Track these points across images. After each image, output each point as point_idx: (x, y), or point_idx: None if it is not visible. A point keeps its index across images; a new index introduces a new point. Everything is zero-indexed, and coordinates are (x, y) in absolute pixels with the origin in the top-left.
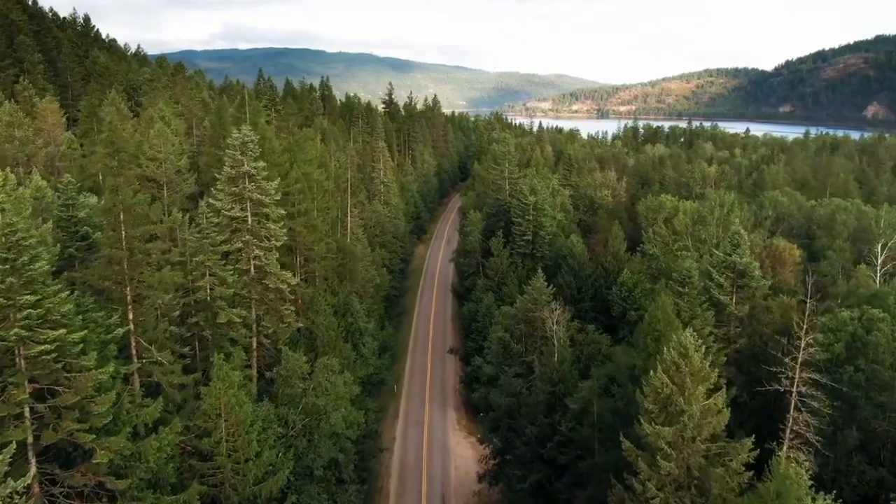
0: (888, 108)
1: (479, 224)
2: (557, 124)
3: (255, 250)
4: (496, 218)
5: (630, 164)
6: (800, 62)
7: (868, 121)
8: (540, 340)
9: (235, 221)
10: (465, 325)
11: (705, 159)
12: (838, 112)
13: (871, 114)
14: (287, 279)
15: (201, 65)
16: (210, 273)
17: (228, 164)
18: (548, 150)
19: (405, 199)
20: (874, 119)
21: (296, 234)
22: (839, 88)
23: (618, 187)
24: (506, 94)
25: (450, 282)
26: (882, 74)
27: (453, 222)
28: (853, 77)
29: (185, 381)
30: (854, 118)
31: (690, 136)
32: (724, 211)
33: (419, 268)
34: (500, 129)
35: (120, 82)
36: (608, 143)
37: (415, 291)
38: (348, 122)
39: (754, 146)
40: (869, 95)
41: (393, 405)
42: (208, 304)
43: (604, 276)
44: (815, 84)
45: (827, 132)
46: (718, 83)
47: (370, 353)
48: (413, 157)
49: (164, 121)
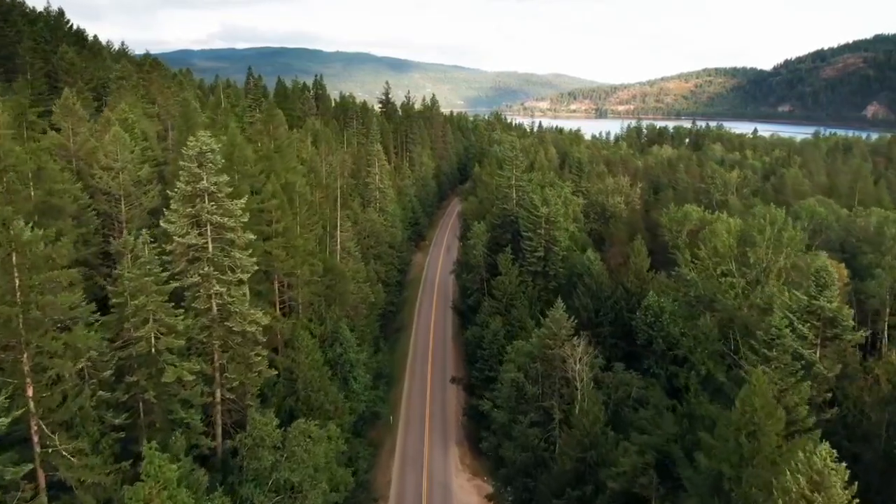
0: (888, 107)
1: (483, 236)
2: (556, 124)
3: (216, 285)
4: (502, 230)
5: (639, 166)
6: (799, 62)
7: (868, 120)
8: (559, 382)
9: (192, 250)
10: (468, 351)
11: (716, 161)
12: (838, 112)
13: (870, 113)
14: (257, 319)
15: (198, 64)
16: (154, 318)
17: (183, 179)
18: (552, 153)
19: (402, 205)
20: (874, 119)
21: (272, 259)
22: (838, 88)
23: (631, 193)
24: (504, 93)
25: (450, 294)
26: (881, 74)
27: (453, 227)
28: (852, 77)
29: (104, 480)
30: (854, 118)
31: (696, 136)
32: (776, 230)
33: (417, 278)
34: (500, 129)
35: (85, 80)
36: (611, 144)
37: (413, 304)
38: (342, 124)
39: (766, 147)
40: (868, 95)
41: (389, 439)
42: (152, 359)
43: (625, 297)
44: (814, 84)
45: (834, 132)
46: (717, 83)
47: (362, 387)
48: (411, 160)
49: (126, 123)
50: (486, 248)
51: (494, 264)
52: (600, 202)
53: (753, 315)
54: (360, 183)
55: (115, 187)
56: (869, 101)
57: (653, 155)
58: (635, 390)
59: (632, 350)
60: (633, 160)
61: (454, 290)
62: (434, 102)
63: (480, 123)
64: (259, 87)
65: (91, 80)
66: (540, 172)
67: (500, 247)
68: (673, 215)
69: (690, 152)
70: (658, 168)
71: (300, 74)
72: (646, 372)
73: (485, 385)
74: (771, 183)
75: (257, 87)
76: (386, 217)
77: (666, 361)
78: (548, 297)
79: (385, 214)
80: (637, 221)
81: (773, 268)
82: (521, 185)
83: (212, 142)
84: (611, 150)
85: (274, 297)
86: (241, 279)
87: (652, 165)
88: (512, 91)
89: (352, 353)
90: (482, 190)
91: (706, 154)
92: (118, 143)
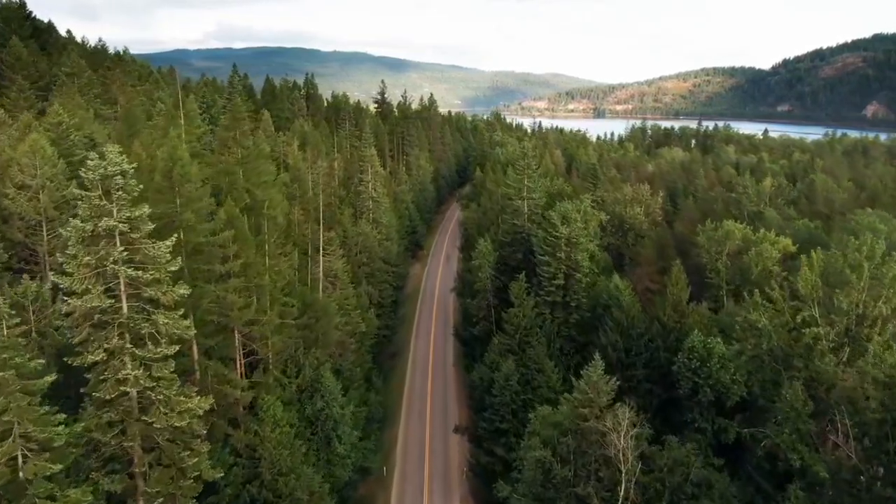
0: (888, 107)
1: (490, 256)
2: (555, 124)
3: (129, 366)
4: (511, 248)
5: (650, 170)
6: (797, 61)
7: (868, 120)
8: (598, 461)
9: (97, 314)
10: (475, 395)
11: (731, 164)
12: (837, 111)
13: (870, 113)
14: (191, 408)
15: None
16: (19, 433)
17: (82, 214)
18: (558, 156)
19: (398, 213)
20: (874, 118)
21: (227, 306)
22: (838, 87)
23: (652, 203)
24: (501, 93)
25: (450, 313)
26: (881, 73)
27: (453, 235)
28: (852, 76)
29: None
30: (854, 117)
31: (704, 137)
32: (874, 265)
33: (415, 292)
34: (500, 130)
35: (32, 77)
36: (616, 145)
37: (410, 325)
38: (334, 125)
39: (780, 149)
40: (868, 95)
41: (382, 495)
42: (18, 488)
43: (661, 334)
44: (813, 83)
45: (845, 133)
46: (715, 82)
47: (348, 448)
48: (408, 163)
49: (59, 128)
50: (493, 268)
51: (503, 288)
52: (618, 213)
53: (867, 388)
54: (352, 192)
55: (30, 211)
56: (869, 101)
57: (664, 158)
58: (694, 470)
59: (670, 397)
60: (643, 163)
61: (455, 309)
62: (433, 102)
63: (480, 124)
64: (238, 86)
65: (40, 78)
66: (548, 179)
67: (509, 268)
68: (711, 233)
69: (702, 154)
70: (673, 173)
71: (297, 74)
72: (688, 425)
73: (494, 438)
74: (798, 190)
75: (233, 86)
76: (380, 230)
77: (713, 413)
78: (568, 332)
79: (379, 226)
80: (665, 238)
81: (872, 316)
82: (534, 197)
83: (122, 161)
84: (618, 153)
85: (233, 352)
86: (166, 354)
87: (666, 170)
88: (509, 91)
89: (336, 407)
90: (486, 198)
91: (720, 157)
92: (37, 155)
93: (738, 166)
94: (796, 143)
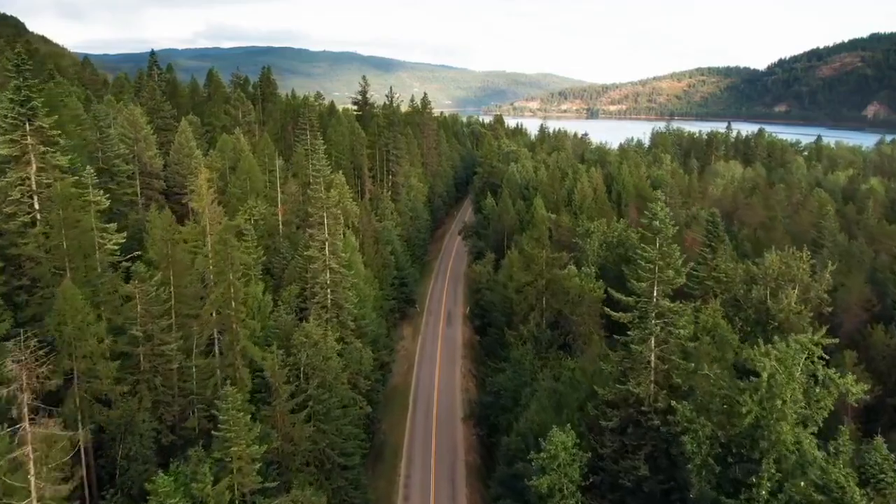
0: (888, 107)
1: (569, 450)
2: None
3: None
4: (621, 438)
5: (711, 195)
6: (794, 61)
7: (868, 120)
8: None
9: None
10: None
11: (808, 182)
12: (837, 112)
13: (871, 113)
14: None
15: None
16: None
17: None
18: (597, 178)
19: (376, 270)
20: (875, 119)
21: None
22: (836, 87)
23: (816, 285)
24: (492, 93)
25: (459, 440)
26: (880, 73)
27: (454, 275)
28: (850, 76)
29: None
30: (853, 118)
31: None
32: None
33: (403, 389)
34: (503, 136)
35: None
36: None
37: (393, 468)
38: (291, 136)
39: (837, 160)
40: (868, 94)
41: None
42: None
43: None
44: (810, 83)
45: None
46: (710, 82)
47: None
48: (394, 185)
49: None
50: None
51: None
52: (760, 303)
53: None
54: (300, 265)
55: None
56: (869, 101)
57: (722, 176)
58: None
59: None
60: (694, 186)
61: (465, 435)
62: (425, 104)
63: (481, 128)
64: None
65: None
66: (595, 222)
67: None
68: None
69: (766, 171)
70: (757, 201)
71: (285, 73)
72: None
73: None
74: None
75: (141, 79)
76: (344, 326)
77: None
78: None
79: (343, 318)
80: None
81: None
82: (678, 329)
83: None
84: (652, 167)
85: None
86: None
87: (731, 195)
88: (500, 91)
89: None
90: (515, 261)
91: (792, 173)
92: None
93: (819, 185)
94: (854, 150)
